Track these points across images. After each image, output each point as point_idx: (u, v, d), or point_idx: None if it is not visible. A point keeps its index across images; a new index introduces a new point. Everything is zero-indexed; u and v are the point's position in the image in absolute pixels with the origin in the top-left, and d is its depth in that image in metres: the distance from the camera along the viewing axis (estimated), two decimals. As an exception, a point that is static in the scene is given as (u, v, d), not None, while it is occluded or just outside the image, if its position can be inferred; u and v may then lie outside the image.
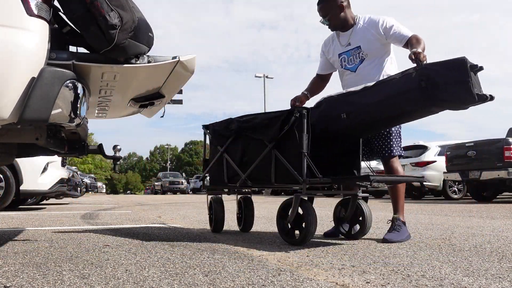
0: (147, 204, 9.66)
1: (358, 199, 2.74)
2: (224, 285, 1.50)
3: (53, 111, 1.69)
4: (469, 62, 2.24)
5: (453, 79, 2.24)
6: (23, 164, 5.95)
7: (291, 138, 2.54)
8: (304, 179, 2.43)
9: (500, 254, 2.17)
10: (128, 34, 1.80)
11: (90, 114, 2.73)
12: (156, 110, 2.67)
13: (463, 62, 2.23)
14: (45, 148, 2.54)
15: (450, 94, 2.27)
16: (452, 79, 2.25)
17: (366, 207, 2.72)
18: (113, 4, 1.76)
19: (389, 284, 1.51)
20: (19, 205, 7.34)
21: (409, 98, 2.36)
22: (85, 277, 1.63)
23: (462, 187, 10.61)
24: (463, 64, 2.23)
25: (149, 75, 2.04)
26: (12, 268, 1.81)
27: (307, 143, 2.48)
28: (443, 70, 2.28)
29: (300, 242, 2.47)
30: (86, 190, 16.38)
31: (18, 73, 1.62)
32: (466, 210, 6.15)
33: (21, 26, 1.63)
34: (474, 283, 1.53)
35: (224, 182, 3.05)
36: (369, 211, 2.72)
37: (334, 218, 2.93)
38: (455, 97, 2.27)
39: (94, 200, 13.76)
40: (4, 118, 1.63)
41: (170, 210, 6.80)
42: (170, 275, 1.67)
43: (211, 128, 3.22)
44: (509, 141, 8.34)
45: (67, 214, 5.76)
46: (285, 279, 1.58)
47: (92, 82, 2.02)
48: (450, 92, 2.26)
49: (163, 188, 29.51)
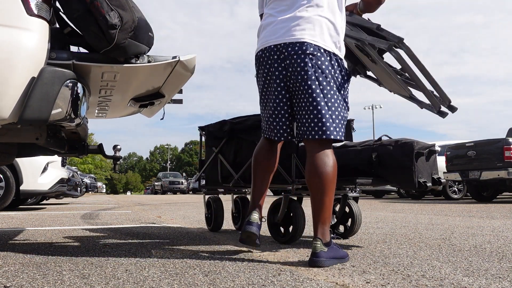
0: (147, 204, 9.66)
1: (348, 199, 2.76)
2: (224, 285, 1.50)
3: (53, 111, 1.69)
4: (416, 148, 2.34)
5: (398, 164, 2.38)
6: (23, 164, 5.96)
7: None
8: (293, 180, 2.53)
9: (500, 254, 2.17)
10: (128, 34, 1.80)
11: (90, 114, 2.73)
12: (156, 109, 2.67)
13: (411, 148, 2.34)
14: (45, 148, 2.54)
15: (393, 176, 2.42)
16: (398, 163, 2.38)
17: (356, 207, 2.74)
18: (113, 4, 1.77)
19: (389, 284, 1.51)
20: (19, 205, 7.34)
21: (363, 166, 2.53)
22: (85, 277, 1.63)
23: (462, 187, 10.61)
24: (410, 150, 2.34)
25: (149, 75, 2.04)
26: (12, 268, 1.81)
27: (295, 145, 2.56)
28: (394, 151, 2.40)
29: (289, 240, 2.52)
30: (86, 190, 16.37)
31: (18, 73, 1.62)
32: (466, 210, 6.15)
33: (21, 26, 1.63)
34: (474, 283, 1.53)
35: (219, 182, 3.15)
36: (359, 211, 2.74)
37: None
38: (397, 180, 2.42)
39: (94, 200, 13.77)
40: (4, 118, 1.63)
41: (170, 210, 6.80)
42: (170, 275, 1.67)
43: (206, 130, 3.31)
44: (509, 141, 8.34)
45: (67, 214, 5.76)
46: (285, 279, 1.58)
47: (92, 82, 2.02)
48: (393, 174, 2.41)
49: (163, 188, 29.52)
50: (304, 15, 2.02)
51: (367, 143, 2.59)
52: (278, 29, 2.05)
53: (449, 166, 9.54)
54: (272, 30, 2.07)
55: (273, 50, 2.05)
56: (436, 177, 2.40)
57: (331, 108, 1.98)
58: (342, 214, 2.81)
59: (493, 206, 7.28)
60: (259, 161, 2.22)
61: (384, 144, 2.48)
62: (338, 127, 2.00)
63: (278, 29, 2.05)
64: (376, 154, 2.46)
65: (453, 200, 10.36)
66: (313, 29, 2.01)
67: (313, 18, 2.02)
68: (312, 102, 1.97)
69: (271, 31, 2.08)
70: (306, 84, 1.97)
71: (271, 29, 2.08)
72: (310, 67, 1.97)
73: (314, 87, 1.97)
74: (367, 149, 2.53)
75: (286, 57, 2.01)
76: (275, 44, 2.05)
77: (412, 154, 2.32)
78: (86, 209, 7.23)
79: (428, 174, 2.37)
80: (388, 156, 2.42)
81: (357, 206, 2.74)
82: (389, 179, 2.45)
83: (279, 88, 2.06)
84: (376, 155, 2.46)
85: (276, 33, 2.05)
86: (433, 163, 2.42)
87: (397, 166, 2.37)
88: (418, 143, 2.38)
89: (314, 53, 1.98)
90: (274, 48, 2.05)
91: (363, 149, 2.54)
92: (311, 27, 2.01)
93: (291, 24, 2.03)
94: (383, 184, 2.59)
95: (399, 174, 2.37)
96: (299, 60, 1.98)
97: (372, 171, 2.49)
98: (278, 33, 2.05)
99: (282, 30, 2.04)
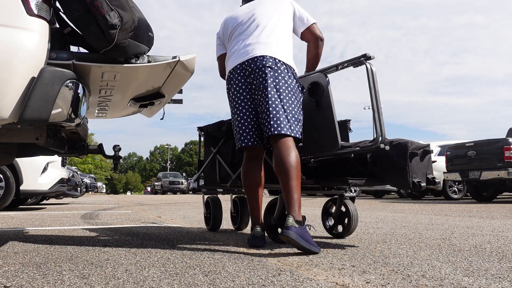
0: (147, 204, 9.67)
1: (345, 199, 2.77)
2: (224, 285, 1.50)
3: (53, 111, 1.69)
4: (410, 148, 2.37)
5: (393, 164, 2.40)
6: (23, 164, 5.96)
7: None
8: None
9: (500, 254, 2.17)
10: (128, 34, 1.80)
11: (90, 114, 2.73)
12: (156, 109, 2.67)
13: (405, 149, 2.36)
14: (45, 148, 2.54)
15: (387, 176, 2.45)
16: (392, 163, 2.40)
17: (352, 207, 2.74)
18: (113, 4, 1.77)
19: (389, 284, 1.51)
20: (19, 205, 7.34)
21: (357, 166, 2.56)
22: (85, 277, 1.63)
23: (462, 187, 10.62)
24: (404, 151, 2.36)
25: (149, 74, 2.04)
26: (12, 268, 1.81)
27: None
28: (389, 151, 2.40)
29: None
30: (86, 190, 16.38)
31: (18, 72, 1.62)
32: (466, 210, 6.15)
33: (21, 25, 1.63)
34: (474, 283, 1.53)
35: (217, 182, 3.17)
36: (355, 210, 2.74)
37: (322, 213, 3.00)
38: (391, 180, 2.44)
39: (94, 200, 13.77)
40: (4, 118, 1.63)
41: (170, 210, 6.80)
42: (170, 275, 1.67)
43: (205, 130, 3.33)
44: (509, 141, 8.34)
45: (67, 214, 5.76)
46: (285, 279, 1.58)
47: (92, 82, 2.02)
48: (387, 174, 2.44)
49: (163, 188, 29.52)
50: (262, 40, 2.43)
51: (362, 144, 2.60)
52: (242, 53, 2.44)
53: (449, 166, 9.54)
54: (237, 55, 2.46)
55: (239, 68, 2.43)
56: (431, 177, 2.41)
57: (286, 110, 2.31)
58: (339, 214, 2.82)
59: (493, 206, 7.28)
60: (248, 180, 2.48)
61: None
62: (293, 126, 2.31)
63: (242, 53, 2.44)
64: (370, 154, 2.47)
65: (453, 200, 10.36)
66: (270, 48, 2.41)
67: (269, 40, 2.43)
68: (271, 104, 2.29)
69: (236, 56, 2.46)
70: (266, 90, 2.31)
71: (236, 55, 2.47)
72: (269, 77, 2.32)
73: (273, 92, 2.31)
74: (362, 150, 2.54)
75: (251, 73, 2.38)
76: (240, 63, 2.42)
77: (406, 154, 2.33)
78: (86, 209, 7.23)
79: (422, 174, 2.38)
80: (382, 156, 2.43)
81: (353, 205, 2.75)
82: (383, 179, 2.47)
83: (246, 100, 2.41)
84: (370, 155, 2.47)
85: (240, 56, 2.44)
86: (427, 163, 2.43)
87: (392, 167, 2.38)
88: (413, 143, 2.39)
89: (272, 66, 2.35)
90: (240, 67, 2.43)
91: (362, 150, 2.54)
92: (269, 46, 2.42)
93: (252, 47, 2.42)
94: (377, 184, 2.60)
95: (393, 174, 2.39)
96: (261, 72, 2.34)
97: (367, 171, 2.50)
98: (242, 55, 2.43)
99: (245, 52, 2.43)
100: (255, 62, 2.36)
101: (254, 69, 2.37)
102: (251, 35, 2.46)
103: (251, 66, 2.37)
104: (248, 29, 2.49)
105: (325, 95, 2.42)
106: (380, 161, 2.45)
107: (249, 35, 2.47)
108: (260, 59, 2.36)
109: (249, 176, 2.47)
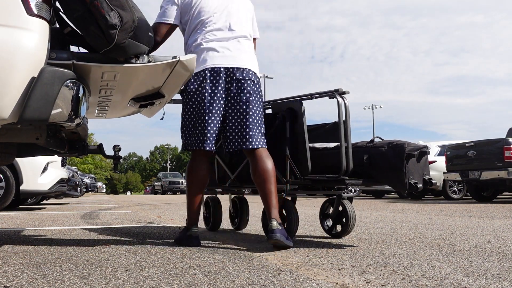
0: (147, 204, 9.67)
1: (342, 199, 2.77)
2: (224, 285, 1.50)
3: (53, 111, 1.69)
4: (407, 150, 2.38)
5: (389, 165, 2.41)
6: (23, 164, 5.96)
7: (275, 140, 2.66)
8: (287, 180, 2.57)
9: (500, 254, 2.17)
10: (128, 34, 1.80)
11: (90, 114, 2.73)
12: (156, 109, 2.67)
13: (401, 150, 2.38)
14: (45, 148, 2.54)
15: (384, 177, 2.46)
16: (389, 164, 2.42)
17: (349, 207, 2.74)
18: (113, 4, 1.76)
19: (389, 284, 1.51)
20: (19, 205, 7.34)
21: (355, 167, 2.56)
22: (85, 277, 1.63)
23: (462, 187, 10.62)
24: (401, 152, 2.37)
25: (149, 74, 2.04)
26: (12, 268, 1.81)
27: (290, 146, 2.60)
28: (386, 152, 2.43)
29: None
30: (86, 190, 16.37)
31: (18, 72, 1.62)
32: (466, 210, 6.16)
33: (21, 25, 1.63)
34: (474, 283, 1.53)
35: (215, 182, 3.19)
36: (353, 210, 2.74)
37: (320, 213, 3.01)
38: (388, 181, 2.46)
39: (94, 200, 13.77)
40: (4, 118, 1.62)
41: (170, 210, 6.80)
42: (170, 275, 1.67)
43: None
44: (509, 141, 8.34)
45: (67, 214, 5.76)
46: (285, 279, 1.58)
47: (92, 82, 2.02)
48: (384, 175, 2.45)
49: (163, 188, 29.51)
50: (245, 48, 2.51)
51: (359, 145, 2.61)
52: (229, 57, 2.46)
53: (449, 166, 9.54)
54: (222, 55, 2.46)
55: (222, 72, 2.44)
56: (427, 178, 2.42)
57: (260, 125, 2.48)
58: (337, 214, 2.82)
59: (493, 206, 7.28)
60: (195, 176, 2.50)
61: (376, 145, 2.51)
62: (261, 138, 2.46)
63: (228, 56, 2.46)
64: (367, 155, 2.48)
65: (453, 200, 10.36)
66: (252, 61, 2.52)
67: (250, 49, 2.54)
68: (252, 121, 2.43)
69: (221, 56, 2.45)
70: (245, 104, 2.43)
71: (220, 55, 2.46)
72: (248, 90, 2.44)
73: (254, 109, 2.45)
74: (359, 151, 2.55)
75: (234, 81, 2.44)
76: (227, 67, 2.44)
77: (403, 155, 2.35)
78: (86, 209, 7.23)
79: (419, 175, 2.39)
80: (379, 157, 2.44)
81: (351, 205, 2.76)
82: (380, 180, 2.48)
83: (219, 105, 2.45)
84: (367, 156, 2.49)
85: (227, 59, 2.45)
86: (424, 164, 2.44)
87: (388, 167, 2.40)
88: (409, 144, 2.40)
89: (252, 79, 2.47)
90: (224, 70, 2.44)
91: (355, 150, 2.56)
92: (252, 58, 2.53)
93: (238, 53, 2.48)
94: (374, 185, 2.61)
95: (390, 175, 2.40)
96: (246, 85, 2.44)
97: (364, 172, 2.51)
98: (229, 60, 2.45)
99: (232, 58, 2.46)
100: (241, 73, 2.44)
101: (239, 79, 2.43)
102: (234, 39, 2.50)
103: (236, 75, 2.43)
104: (228, 30, 2.49)
105: (299, 122, 2.55)
106: (377, 162, 2.46)
107: (231, 38, 2.49)
108: (247, 71, 2.46)
109: (197, 172, 2.50)
